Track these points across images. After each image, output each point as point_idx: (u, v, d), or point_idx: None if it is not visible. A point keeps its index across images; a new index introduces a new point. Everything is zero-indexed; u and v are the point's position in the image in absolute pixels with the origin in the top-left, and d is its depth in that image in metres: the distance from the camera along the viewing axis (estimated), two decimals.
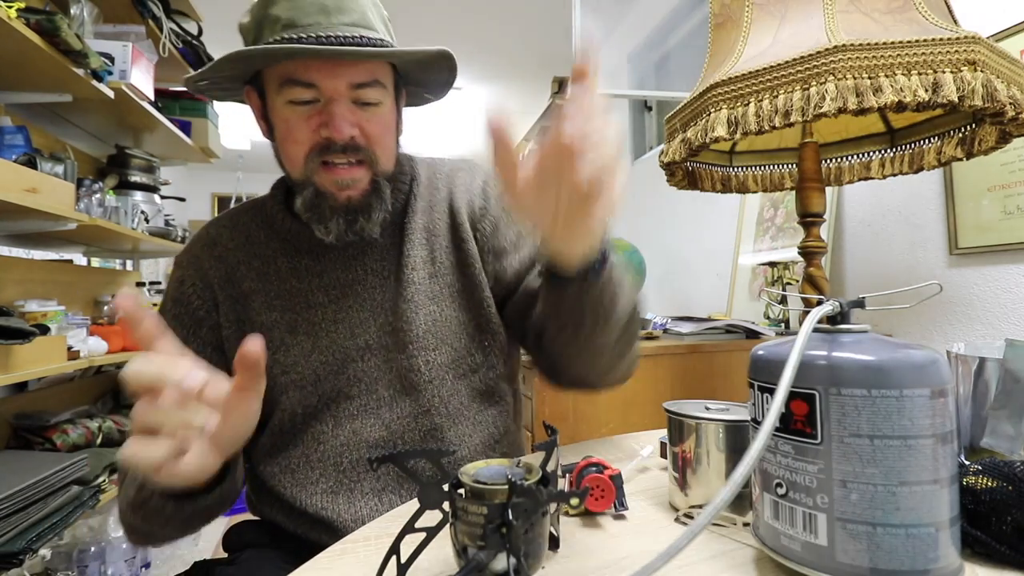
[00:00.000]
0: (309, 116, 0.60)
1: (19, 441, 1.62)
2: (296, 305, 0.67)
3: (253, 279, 0.68)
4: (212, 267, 0.68)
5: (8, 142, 1.49)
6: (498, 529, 0.32)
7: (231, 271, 0.68)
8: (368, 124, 0.62)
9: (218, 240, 0.70)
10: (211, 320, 0.67)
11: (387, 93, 0.64)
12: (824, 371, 0.34)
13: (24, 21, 1.28)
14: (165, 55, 1.98)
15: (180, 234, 2.31)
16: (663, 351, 1.32)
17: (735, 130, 0.79)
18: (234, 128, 5.03)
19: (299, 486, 0.65)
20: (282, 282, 0.68)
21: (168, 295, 0.69)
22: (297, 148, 0.61)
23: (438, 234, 0.71)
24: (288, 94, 0.60)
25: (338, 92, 0.60)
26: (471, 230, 0.71)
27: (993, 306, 1.13)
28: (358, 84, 0.60)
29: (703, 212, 2.18)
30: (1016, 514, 0.36)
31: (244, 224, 0.71)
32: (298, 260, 0.68)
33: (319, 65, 0.59)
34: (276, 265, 0.68)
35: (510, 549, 0.32)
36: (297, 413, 0.65)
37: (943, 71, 0.70)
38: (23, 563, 1.20)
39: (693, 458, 0.47)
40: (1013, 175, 1.08)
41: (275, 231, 0.70)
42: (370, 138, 0.62)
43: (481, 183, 0.75)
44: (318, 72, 0.59)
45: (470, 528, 0.33)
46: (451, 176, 0.75)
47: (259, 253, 0.69)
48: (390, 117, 0.65)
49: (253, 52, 0.57)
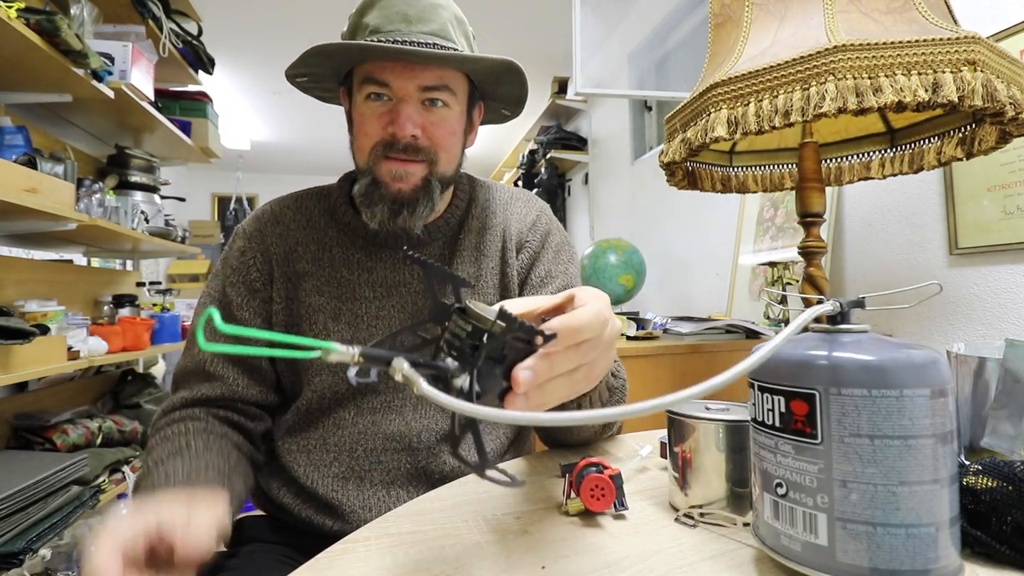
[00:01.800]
0: (380, 113, 0.65)
1: (19, 441, 1.62)
2: (343, 295, 0.70)
3: (308, 261, 0.71)
4: (274, 243, 0.72)
5: (8, 142, 1.49)
6: (473, 348, 0.34)
7: (290, 250, 0.72)
8: (433, 126, 0.66)
9: (282, 218, 0.73)
10: (265, 293, 0.71)
11: (457, 100, 0.67)
12: (824, 371, 0.34)
13: (24, 21, 1.28)
14: (165, 55, 1.98)
15: (180, 234, 2.31)
16: (663, 351, 1.32)
17: (735, 130, 0.79)
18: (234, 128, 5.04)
19: (312, 466, 0.68)
20: (334, 270, 0.71)
21: (227, 262, 0.72)
22: (366, 140, 0.67)
23: (487, 255, 0.75)
24: (365, 91, 0.65)
25: (407, 93, 0.64)
26: (514, 257, 0.76)
27: (993, 306, 1.13)
28: (427, 87, 0.65)
29: (703, 212, 2.18)
30: (1016, 514, 0.36)
31: (308, 208, 0.75)
32: (352, 253, 0.72)
33: (393, 66, 0.64)
34: (331, 253, 0.72)
35: (473, 367, 0.34)
36: (325, 396, 0.69)
37: (943, 71, 0.70)
38: (23, 563, 1.20)
39: (693, 458, 0.47)
40: (1013, 175, 1.08)
41: (335, 220, 0.74)
42: (433, 139, 0.66)
43: (534, 216, 0.79)
44: (392, 73, 0.64)
45: (452, 339, 0.35)
46: (508, 204, 0.79)
47: (317, 238, 0.72)
48: (457, 123, 0.69)
49: (329, 47, 0.62)
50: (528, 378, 0.34)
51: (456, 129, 0.69)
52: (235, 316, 0.69)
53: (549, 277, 0.75)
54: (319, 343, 0.28)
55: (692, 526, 0.45)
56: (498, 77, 0.70)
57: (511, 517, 0.48)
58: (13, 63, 1.41)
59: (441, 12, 0.66)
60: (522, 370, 0.35)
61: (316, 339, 0.67)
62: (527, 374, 0.34)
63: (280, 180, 6.72)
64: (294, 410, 0.70)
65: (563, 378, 0.37)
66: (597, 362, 0.39)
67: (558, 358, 0.36)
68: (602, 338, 0.38)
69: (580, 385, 0.38)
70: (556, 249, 0.78)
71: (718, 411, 0.48)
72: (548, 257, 0.77)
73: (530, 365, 0.35)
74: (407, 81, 0.64)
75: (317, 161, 6.23)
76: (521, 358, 0.36)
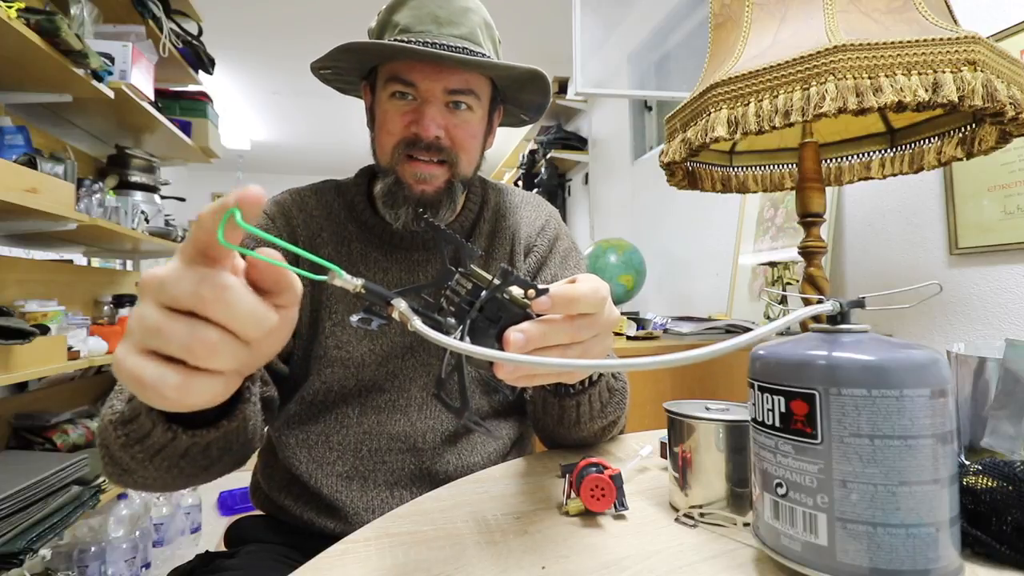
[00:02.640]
0: (404, 112, 0.66)
1: (19, 441, 1.62)
2: None
3: (331, 251, 0.72)
4: (300, 225, 0.72)
5: (8, 142, 1.49)
6: (470, 304, 0.35)
7: (314, 235, 0.72)
8: (456, 128, 0.67)
9: (305, 206, 0.74)
10: None
11: (480, 104, 0.68)
12: (824, 371, 0.34)
13: (24, 21, 1.28)
14: (165, 55, 1.98)
15: (180, 234, 2.31)
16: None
17: (735, 130, 0.79)
18: (234, 128, 5.04)
19: (315, 463, 0.67)
20: (352, 264, 0.72)
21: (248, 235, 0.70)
22: (389, 138, 0.67)
23: (496, 258, 0.76)
24: (391, 89, 0.66)
25: (433, 94, 0.65)
26: (522, 260, 0.77)
27: (993, 306, 1.13)
28: (452, 90, 0.65)
29: (703, 212, 2.18)
30: (1016, 514, 0.36)
31: (328, 201, 0.75)
32: (369, 251, 0.73)
33: (421, 67, 0.64)
34: (349, 247, 0.73)
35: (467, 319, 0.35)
36: (332, 390, 0.69)
37: (943, 71, 0.70)
38: (23, 563, 1.20)
39: (693, 458, 0.47)
40: (1013, 175, 1.08)
41: (353, 216, 0.74)
42: (455, 141, 0.67)
43: (543, 221, 0.80)
44: (419, 73, 0.65)
45: (451, 296, 0.37)
46: (519, 208, 0.80)
47: (338, 231, 0.73)
48: (478, 127, 0.70)
49: (360, 46, 0.63)
50: (519, 339, 0.35)
51: (477, 132, 0.70)
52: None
53: (555, 281, 0.75)
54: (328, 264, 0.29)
55: (692, 526, 0.45)
56: (522, 84, 0.71)
57: (511, 517, 0.48)
58: (13, 63, 1.41)
59: (472, 16, 0.67)
60: (514, 331, 0.35)
61: (328, 334, 0.68)
62: (518, 335, 0.35)
63: (280, 180, 6.71)
64: (298, 399, 0.70)
65: (556, 352, 0.37)
66: (592, 345, 0.39)
67: (552, 327, 0.36)
68: (600, 317, 0.38)
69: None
70: (564, 254, 0.78)
71: (718, 411, 0.48)
72: (555, 262, 0.77)
73: (523, 328, 0.35)
74: (434, 83, 0.65)
75: (317, 161, 6.23)
76: (517, 323, 0.36)
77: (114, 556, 1.66)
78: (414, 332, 0.31)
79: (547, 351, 0.36)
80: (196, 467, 0.45)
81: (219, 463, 0.47)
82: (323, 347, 0.68)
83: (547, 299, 0.35)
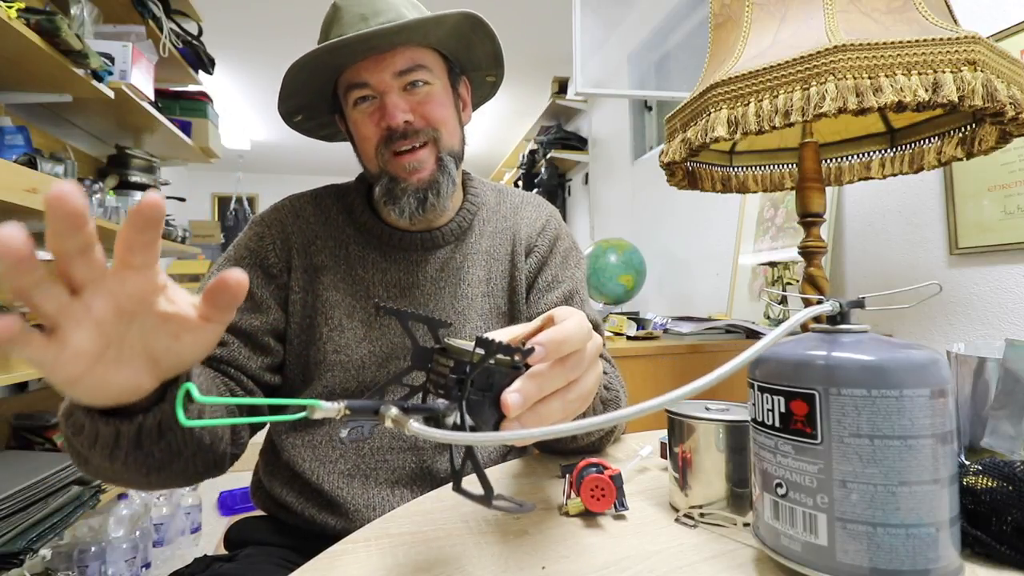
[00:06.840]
0: (371, 113, 0.67)
1: (19, 441, 1.62)
2: (357, 292, 0.71)
3: (326, 256, 0.72)
4: (295, 233, 0.72)
5: (8, 142, 1.49)
6: (459, 383, 0.34)
7: (309, 243, 0.72)
8: (421, 106, 0.67)
9: (302, 212, 0.74)
10: (281, 280, 0.71)
11: (435, 76, 0.69)
12: (824, 371, 0.34)
13: (24, 21, 1.28)
14: (165, 55, 1.98)
15: (180, 234, 2.31)
16: (663, 351, 1.32)
17: (735, 130, 0.79)
18: (234, 128, 5.04)
19: (318, 462, 0.68)
20: (350, 268, 0.72)
21: (242, 245, 0.71)
22: (367, 143, 0.69)
23: (497, 258, 0.76)
24: (352, 98, 0.68)
25: (385, 84, 0.66)
26: (523, 260, 0.77)
27: (993, 306, 1.13)
28: (401, 71, 0.66)
29: (703, 212, 2.18)
30: (1016, 514, 0.36)
31: (327, 205, 0.76)
32: (367, 252, 0.73)
33: (366, 64, 0.66)
34: (347, 251, 0.73)
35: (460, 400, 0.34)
36: (335, 393, 0.69)
37: (943, 71, 0.70)
38: (23, 563, 1.20)
39: (693, 458, 0.47)
40: (1013, 175, 1.08)
41: (352, 219, 0.75)
42: (427, 118, 0.67)
43: (544, 221, 0.80)
44: (366, 71, 0.66)
45: (437, 379, 0.36)
46: (519, 208, 0.80)
47: (335, 235, 0.73)
48: (444, 97, 0.70)
49: (303, 60, 0.64)
50: (517, 400, 0.34)
51: (445, 101, 0.70)
52: (254, 294, 0.68)
53: (556, 282, 0.76)
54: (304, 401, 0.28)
55: (692, 526, 0.45)
56: (468, 42, 0.71)
57: (511, 518, 0.48)
58: (13, 63, 1.41)
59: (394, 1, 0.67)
60: (510, 393, 0.34)
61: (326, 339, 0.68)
62: (515, 396, 0.34)
63: (280, 180, 6.72)
64: None
65: (556, 399, 0.36)
66: (585, 377, 0.38)
67: (545, 376, 0.35)
68: (586, 351, 0.37)
69: (575, 405, 0.37)
70: (564, 255, 0.78)
71: (718, 411, 0.48)
72: (556, 262, 0.77)
73: (517, 387, 0.34)
74: (382, 72, 0.65)
75: (317, 161, 6.23)
76: (509, 384, 0.35)
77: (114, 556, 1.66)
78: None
79: (547, 400, 0.36)
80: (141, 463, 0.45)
81: (171, 466, 0.47)
82: (322, 352, 0.69)
83: (541, 350, 0.34)
